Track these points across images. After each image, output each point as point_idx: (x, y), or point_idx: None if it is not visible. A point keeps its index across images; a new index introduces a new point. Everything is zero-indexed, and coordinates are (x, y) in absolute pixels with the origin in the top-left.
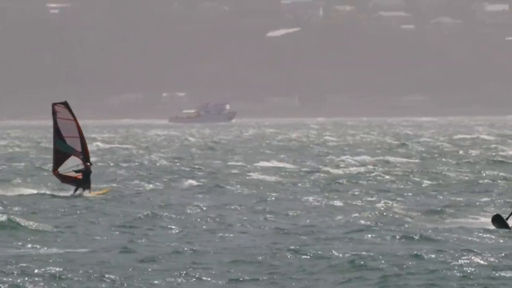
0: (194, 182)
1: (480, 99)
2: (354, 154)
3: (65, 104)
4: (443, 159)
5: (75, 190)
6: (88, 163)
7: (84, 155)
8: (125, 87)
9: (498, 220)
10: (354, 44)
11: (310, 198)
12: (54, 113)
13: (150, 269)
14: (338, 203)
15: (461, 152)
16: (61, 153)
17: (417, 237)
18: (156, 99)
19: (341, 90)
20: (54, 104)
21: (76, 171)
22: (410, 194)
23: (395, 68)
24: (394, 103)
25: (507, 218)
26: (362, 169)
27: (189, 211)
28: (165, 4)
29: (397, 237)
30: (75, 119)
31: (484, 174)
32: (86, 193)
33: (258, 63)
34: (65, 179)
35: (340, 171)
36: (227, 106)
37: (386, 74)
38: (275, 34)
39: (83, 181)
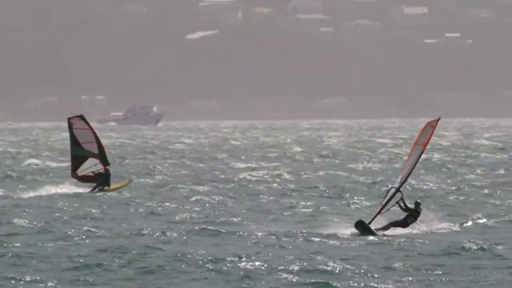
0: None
1: (397, 101)
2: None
3: (81, 117)
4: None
5: (94, 188)
6: (107, 166)
7: (102, 157)
8: (43, 90)
9: (361, 225)
10: (273, 46)
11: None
12: (70, 125)
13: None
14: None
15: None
16: (78, 157)
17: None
18: (75, 102)
19: (260, 93)
20: (69, 119)
21: (94, 173)
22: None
23: (314, 70)
24: (313, 106)
25: (369, 222)
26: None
27: None
28: (88, 7)
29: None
30: (91, 128)
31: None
32: (105, 188)
33: (177, 66)
34: (84, 179)
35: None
36: (154, 109)
37: (305, 77)
38: (193, 36)
39: (102, 182)
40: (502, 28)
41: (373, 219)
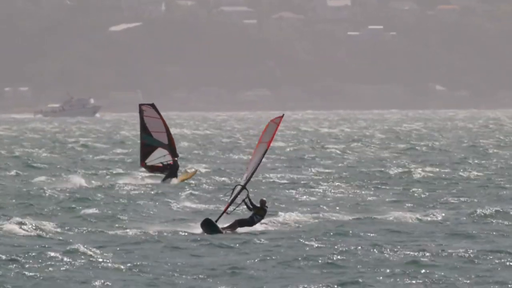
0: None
1: (320, 93)
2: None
3: (152, 106)
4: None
5: (164, 179)
6: (176, 158)
7: (171, 148)
8: None
9: (208, 224)
10: (197, 39)
11: None
12: (141, 111)
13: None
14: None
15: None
16: (147, 146)
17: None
18: None
19: (184, 86)
20: (141, 105)
21: (163, 164)
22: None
23: (239, 63)
24: (237, 98)
25: (215, 221)
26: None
27: None
28: (9, 0)
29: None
30: (161, 118)
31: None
32: (174, 181)
33: (101, 59)
34: (152, 169)
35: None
36: (92, 101)
37: (230, 69)
38: (117, 28)
39: (171, 173)
40: (425, 20)
41: (219, 217)
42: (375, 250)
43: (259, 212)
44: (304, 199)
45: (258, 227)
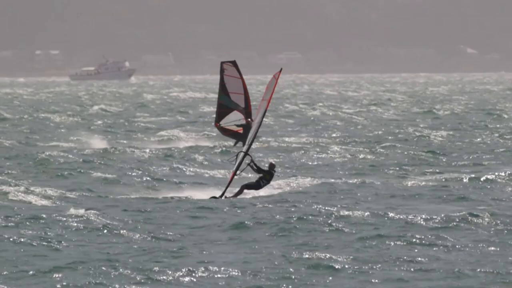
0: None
1: (352, 57)
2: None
3: (233, 63)
4: None
5: (235, 143)
6: (250, 119)
7: (247, 112)
8: None
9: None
10: (229, 1)
11: None
12: (222, 70)
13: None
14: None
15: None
16: (224, 107)
17: None
18: (29, 57)
19: (215, 49)
20: (222, 63)
21: (238, 125)
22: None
23: (270, 25)
24: (267, 61)
25: (222, 194)
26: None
27: None
28: None
29: None
30: (241, 78)
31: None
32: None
33: (132, 20)
34: (225, 131)
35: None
36: (127, 64)
37: (261, 32)
38: None
39: (243, 135)
40: None
41: (225, 189)
42: (369, 214)
43: (266, 176)
44: (308, 161)
45: (263, 190)
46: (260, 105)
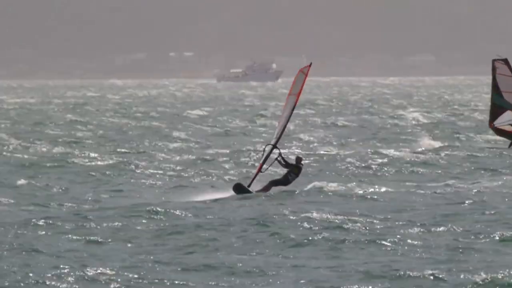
0: None
1: (484, 58)
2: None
3: (505, 61)
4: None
5: (510, 145)
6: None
7: None
8: (131, 47)
9: (239, 188)
10: (361, 3)
11: None
12: (493, 68)
13: None
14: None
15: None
16: (497, 107)
17: None
18: (164, 59)
19: (348, 51)
20: (494, 61)
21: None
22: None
23: (402, 27)
24: (404, 63)
25: (249, 185)
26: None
27: None
28: None
29: None
30: None
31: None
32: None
33: (262, 21)
34: (498, 132)
35: None
36: (274, 65)
37: (393, 34)
38: None
39: None
40: None
41: (252, 180)
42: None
43: (294, 170)
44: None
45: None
46: (287, 100)
